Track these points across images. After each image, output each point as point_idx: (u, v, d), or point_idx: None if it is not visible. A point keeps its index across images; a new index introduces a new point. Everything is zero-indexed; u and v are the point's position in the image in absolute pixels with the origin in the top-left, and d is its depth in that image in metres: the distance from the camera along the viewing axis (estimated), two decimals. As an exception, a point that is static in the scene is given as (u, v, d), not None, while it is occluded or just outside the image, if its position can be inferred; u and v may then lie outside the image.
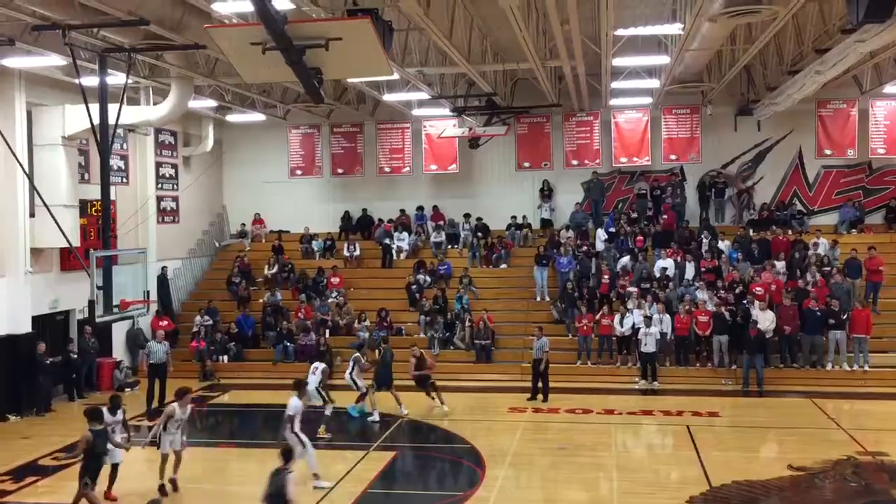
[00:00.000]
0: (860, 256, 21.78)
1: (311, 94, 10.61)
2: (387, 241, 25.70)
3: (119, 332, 21.28)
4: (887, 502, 11.53)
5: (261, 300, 23.99)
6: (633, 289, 21.79)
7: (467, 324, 22.15)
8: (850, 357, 19.85)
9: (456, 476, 14.23)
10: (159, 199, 24.10)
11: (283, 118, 25.57)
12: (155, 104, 20.28)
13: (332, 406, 16.38)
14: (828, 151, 24.07)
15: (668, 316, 20.59)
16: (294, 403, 12.89)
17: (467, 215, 26.11)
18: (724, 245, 23.43)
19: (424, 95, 20.98)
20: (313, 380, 15.96)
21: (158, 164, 24.09)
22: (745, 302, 20.69)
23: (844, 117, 23.77)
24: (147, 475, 12.80)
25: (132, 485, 12.46)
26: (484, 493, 12.64)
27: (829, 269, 21.79)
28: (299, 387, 13.49)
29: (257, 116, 24.78)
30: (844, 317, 19.93)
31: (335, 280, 24.35)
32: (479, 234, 25.70)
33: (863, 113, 23.65)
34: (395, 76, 18.14)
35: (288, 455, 9.66)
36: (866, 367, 19.66)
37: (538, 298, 23.44)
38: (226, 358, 22.09)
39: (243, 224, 27.46)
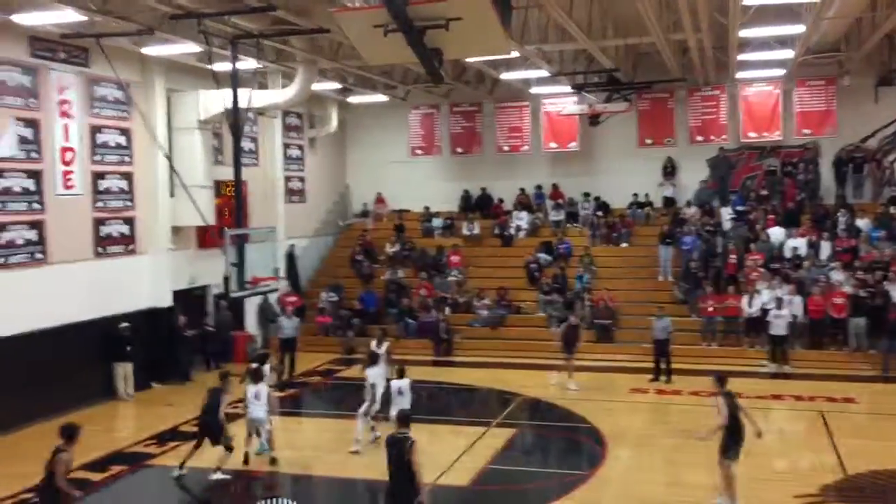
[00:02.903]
0: None
1: (432, 74, 10.74)
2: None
3: (251, 306, 22.26)
4: None
5: (383, 277, 24.54)
6: (759, 270, 20.98)
7: (587, 303, 21.94)
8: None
9: (577, 455, 14.22)
10: (287, 179, 24.98)
11: (404, 99, 25.93)
12: (282, 88, 20.98)
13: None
14: (983, 122, 22.36)
15: (798, 297, 19.73)
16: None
17: (587, 194, 25.78)
18: (862, 223, 22.19)
19: (544, 73, 20.77)
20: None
21: (286, 146, 24.95)
22: (885, 283, 19.57)
23: None
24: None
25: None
26: (606, 472, 12.58)
27: (980, 248, 20.32)
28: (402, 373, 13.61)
29: (379, 97, 25.24)
30: None
31: (455, 258, 24.61)
32: (600, 212, 25.33)
33: None
34: (515, 54, 18.05)
35: (405, 420, 9.15)
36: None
37: (661, 278, 22.91)
38: (351, 333, 22.76)
39: (365, 203, 28.12)
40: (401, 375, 13.55)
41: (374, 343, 14.87)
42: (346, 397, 18.62)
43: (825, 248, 21.54)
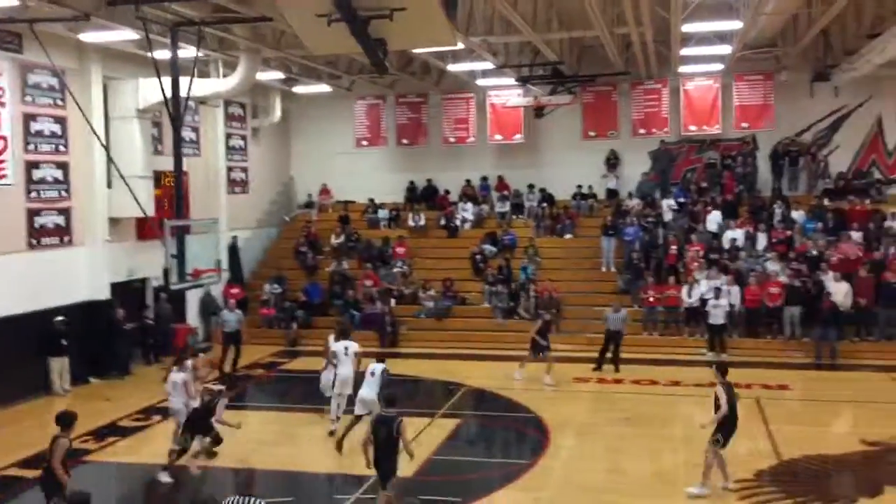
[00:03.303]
0: (942, 227, 21.00)
1: (376, 65, 10.67)
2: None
3: (194, 299, 21.90)
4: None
5: (328, 269, 24.38)
6: (699, 261, 21.43)
7: (532, 294, 22.13)
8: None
9: (521, 444, 14.34)
10: (229, 169, 24.60)
11: (349, 89, 25.75)
12: (224, 77, 20.64)
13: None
14: (910, 117, 23.13)
15: (737, 287, 20.21)
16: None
17: (532, 185, 25.99)
18: (797, 215, 22.81)
19: (489, 65, 20.85)
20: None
21: (228, 136, 24.55)
22: (818, 273, 20.17)
23: (928, 82, 22.77)
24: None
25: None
26: (549, 461, 12.72)
27: (908, 239, 21.06)
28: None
29: (323, 88, 25.01)
30: (924, 289, 19.27)
31: (400, 250, 24.59)
32: (544, 203, 25.55)
33: (948, 77, 22.62)
34: (460, 46, 18.05)
35: (392, 401, 10.14)
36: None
37: (604, 269, 23.24)
38: (295, 325, 22.54)
39: (310, 194, 27.88)
40: (380, 360, 13.30)
41: (331, 338, 14.50)
42: (290, 390, 18.58)
43: (761, 240, 22.09)
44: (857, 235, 21.49)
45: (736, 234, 22.31)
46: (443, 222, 25.66)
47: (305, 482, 12.36)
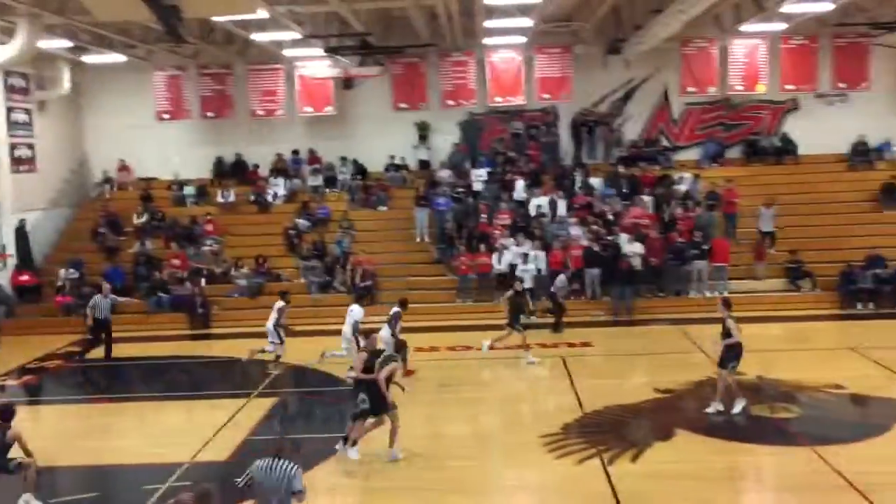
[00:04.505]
0: (719, 189, 22.98)
1: (171, 33, 10.20)
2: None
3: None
4: (743, 417, 12.34)
5: (130, 251, 23.08)
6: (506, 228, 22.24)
7: (348, 267, 22.08)
8: (711, 285, 21.01)
9: (340, 418, 14.27)
10: (13, 146, 22.58)
11: (146, 59, 24.30)
12: (2, 45, 18.85)
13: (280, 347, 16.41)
14: (691, 89, 24.95)
15: (542, 252, 21.16)
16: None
17: (344, 158, 25.81)
18: (595, 181, 24.15)
19: (296, 35, 20.34)
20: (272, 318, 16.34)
21: (10, 110, 22.50)
22: (614, 236, 21.50)
23: (706, 56, 24.65)
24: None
25: None
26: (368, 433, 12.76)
27: (692, 202, 22.88)
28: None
29: (118, 58, 23.39)
30: (706, 247, 21.06)
31: (209, 227, 23.68)
32: (357, 176, 25.48)
33: (723, 51, 24.60)
34: (263, 15, 17.47)
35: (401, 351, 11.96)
36: (726, 294, 20.84)
37: (418, 239, 23.58)
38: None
39: (106, 171, 26.15)
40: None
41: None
42: (93, 379, 17.50)
43: (564, 206, 23.21)
44: (648, 199, 23.10)
45: (541, 202, 23.31)
46: (253, 198, 24.96)
47: (113, 475, 11.73)
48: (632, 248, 20.88)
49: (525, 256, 20.63)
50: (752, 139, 25.48)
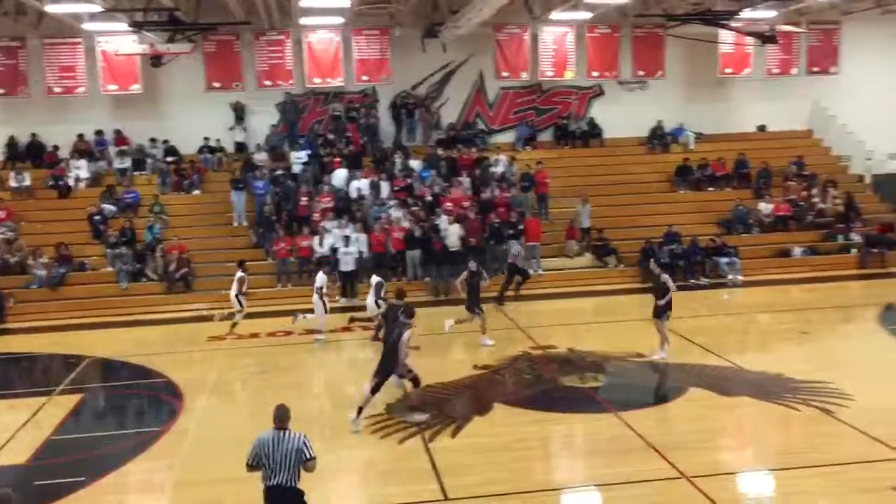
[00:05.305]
0: (532, 171, 23.93)
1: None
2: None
3: None
4: (556, 388, 12.98)
5: None
6: (328, 211, 22.05)
7: (159, 254, 21.07)
8: (526, 263, 21.85)
9: (154, 411, 13.69)
10: None
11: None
12: None
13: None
14: (505, 74, 25.75)
15: (364, 235, 21.17)
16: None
17: (154, 139, 24.54)
18: (415, 164, 24.41)
19: (97, 7, 19.01)
20: (234, 287, 17.04)
21: None
22: (434, 218, 21.86)
23: (518, 42, 25.51)
24: None
25: None
26: (183, 424, 12.31)
27: (507, 183, 23.66)
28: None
29: None
30: (521, 227, 21.88)
31: (1, 214, 21.81)
32: (169, 158, 24.31)
33: (534, 38, 25.53)
34: (57, -17, 16.24)
35: (410, 314, 11.88)
36: (540, 271, 21.82)
37: (235, 223, 22.91)
38: None
39: None
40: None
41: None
42: None
43: (385, 188, 23.30)
44: (466, 181, 23.65)
45: (361, 184, 23.27)
46: (52, 182, 23.21)
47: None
48: (451, 230, 21.30)
49: (347, 239, 20.55)
50: (561, 123, 26.68)
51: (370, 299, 16.55)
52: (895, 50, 27.20)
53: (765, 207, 24.07)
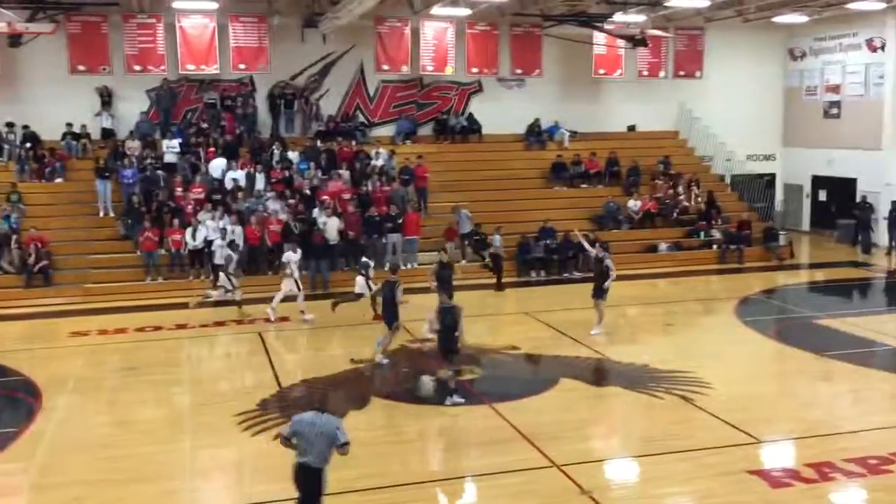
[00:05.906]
0: (412, 165, 23.98)
1: None
2: None
3: None
4: (438, 381, 13.00)
5: None
6: (202, 202, 21.39)
7: (15, 246, 19.86)
8: (405, 256, 21.89)
9: (9, 412, 12.90)
10: None
11: None
12: None
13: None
14: (385, 67, 25.65)
15: (239, 227, 20.64)
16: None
17: (11, 124, 23.08)
18: (294, 155, 23.99)
19: (-55, -21, 17.75)
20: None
21: None
22: (312, 210, 21.57)
23: (399, 35, 25.46)
24: None
25: None
26: (42, 425, 11.68)
27: (387, 177, 23.62)
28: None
29: None
30: (400, 221, 21.89)
31: None
32: (28, 144, 22.93)
33: (415, 32, 25.56)
34: None
35: (395, 268, 14.81)
36: (415, 265, 21.86)
37: (101, 214, 21.90)
38: None
39: None
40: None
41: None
42: None
43: (261, 180, 22.79)
44: (345, 174, 23.45)
45: (237, 175, 22.68)
46: None
47: None
48: (329, 223, 21.07)
49: (223, 231, 19.98)
50: (441, 118, 26.87)
51: (360, 279, 17.39)
52: (755, 57, 28.91)
53: (634, 204, 25.07)
